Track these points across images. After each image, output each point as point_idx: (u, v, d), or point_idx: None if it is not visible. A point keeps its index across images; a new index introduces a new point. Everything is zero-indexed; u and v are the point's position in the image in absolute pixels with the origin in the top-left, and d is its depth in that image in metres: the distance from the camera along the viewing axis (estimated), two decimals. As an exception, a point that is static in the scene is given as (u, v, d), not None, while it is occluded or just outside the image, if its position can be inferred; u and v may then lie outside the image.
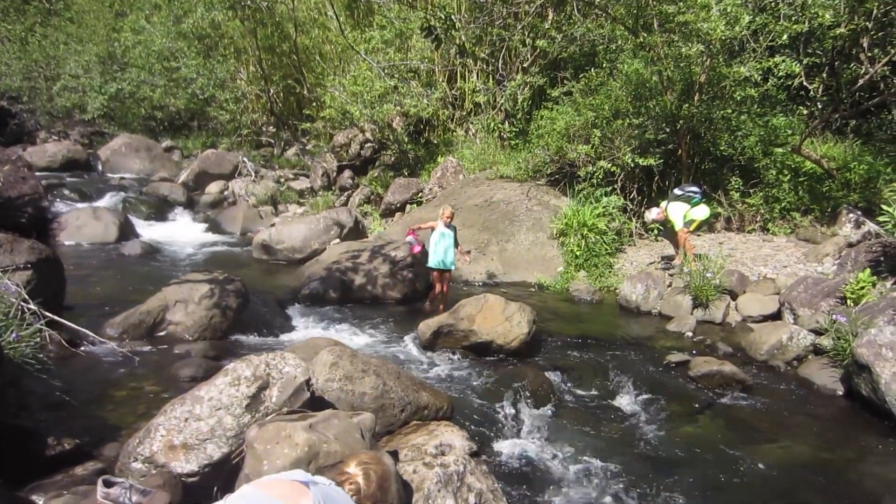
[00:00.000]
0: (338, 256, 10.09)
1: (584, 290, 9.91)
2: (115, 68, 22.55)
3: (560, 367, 6.98)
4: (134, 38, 22.52)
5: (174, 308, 7.48)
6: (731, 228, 11.84)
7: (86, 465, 4.40)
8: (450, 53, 16.00)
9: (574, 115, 12.33)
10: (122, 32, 23.73)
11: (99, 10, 26.43)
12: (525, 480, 4.87)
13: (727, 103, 11.64)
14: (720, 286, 8.90)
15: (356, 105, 15.33)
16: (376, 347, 7.49)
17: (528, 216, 11.67)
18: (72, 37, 24.33)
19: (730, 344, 7.88)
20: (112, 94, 21.79)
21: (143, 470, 4.16)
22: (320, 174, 17.35)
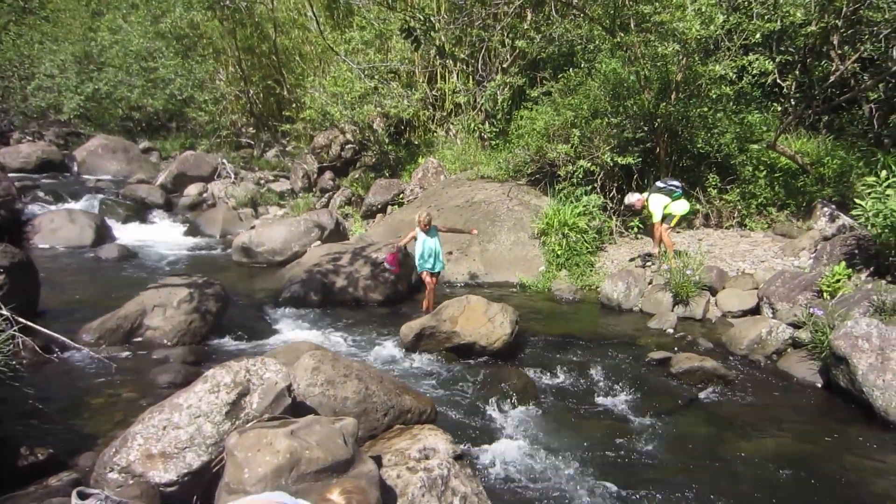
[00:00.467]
0: (319, 259, 9.98)
1: (566, 290, 9.89)
2: (92, 68, 22.15)
3: (543, 366, 6.95)
4: (111, 38, 22.14)
5: (152, 313, 7.36)
6: (709, 225, 11.89)
7: (60, 476, 4.28)
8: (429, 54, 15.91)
9: (553, 114, 12.30)
10: (99, 32, 23.33)
11: (75, 9, 25.97)
12: (510, 482, 4.82)
13: (703, 101, 11.67)
14: (700, 282, 8.92)
15: (336, 106, 15.20)
16: (358, 350, 7.41)
17: (510, 216, 11.63)
18: (47, 36, 23.88)
19: (710, 339, 7.90)
20: (88, 95, 21.39)
21: (120, 480, 4.04)
22: (301, 176, 17.19)
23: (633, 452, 5.32)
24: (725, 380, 6.66)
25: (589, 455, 5.21)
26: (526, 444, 5.34)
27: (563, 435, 5.53)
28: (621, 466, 5.08)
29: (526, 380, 6.35)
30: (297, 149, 19.71)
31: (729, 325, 8.28)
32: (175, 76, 19.98)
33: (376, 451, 4.56)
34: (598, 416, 5.95)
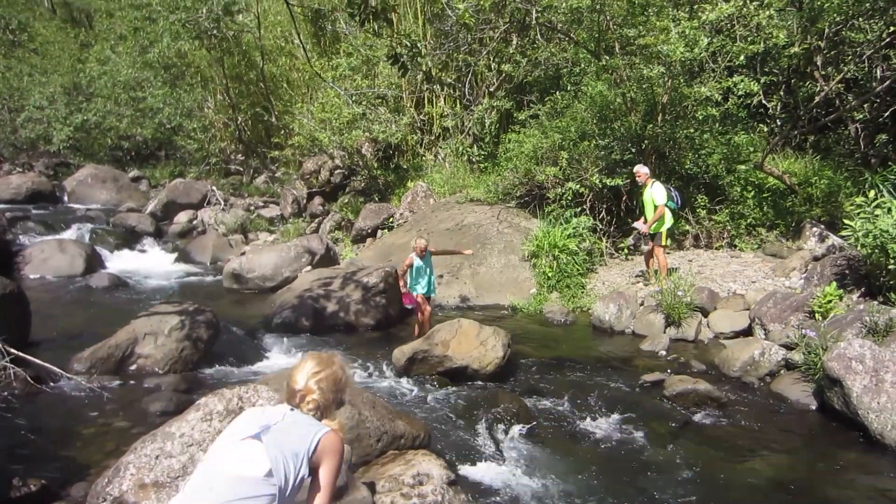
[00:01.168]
0: (309, 284, 9.98)
1: (558, 312, 9.91)
2: (81, 99, 22.27)
3: (536, 390, 6.96)
4: (99, 69, 22.32)
5: (143, 341, 7.34)
6: (699, 245, 11.97)
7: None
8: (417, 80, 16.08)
9: (541, 137, 12.41)
10: (88, 63, 23.52)
11: (64, 42, 26.16)
12: (505, 507, 4.80)
13: (690, 123, 11.82)
14: (691, 304, 8.95)
15: (325, 132, 15.32)
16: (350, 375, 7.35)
17: (500, 239, 11.68)
18: (36, 68, 24.00)
19: (703, 361, 7.91)
20: (78, 125, 21.50)
21: (112, 512, 4.01)
22: (290, 201, 17.24)
23: (627, 476, 5.31)
24: (719, 402, 6.66)
25: (583, 479, 5.20)
26: (520, 468, 5.33)
27: (556, 458, 5.52)
28: (615, 490, 5.07)
29: (519, 403, 6.34)
30: (287, 175, 19.79)
31: (721, 347, 8.31)
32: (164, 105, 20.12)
33: (370, 478, 4.55)
34: (591, 440, 5.95)
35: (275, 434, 2.55)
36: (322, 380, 2.75)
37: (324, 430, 2.63)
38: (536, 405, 6.60)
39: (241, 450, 2.51)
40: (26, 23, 27.31)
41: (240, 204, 18.12)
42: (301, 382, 2.74)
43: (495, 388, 6.95)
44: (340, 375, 2.82)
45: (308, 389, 2.73)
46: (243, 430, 2.58)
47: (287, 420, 2.63)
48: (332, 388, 2.77)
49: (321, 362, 2.81)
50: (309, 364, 2.80)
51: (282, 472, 2.49)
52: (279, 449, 2.52)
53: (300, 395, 2.73)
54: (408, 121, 15.83)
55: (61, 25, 27.92)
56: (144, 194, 19.52)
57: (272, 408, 2.74)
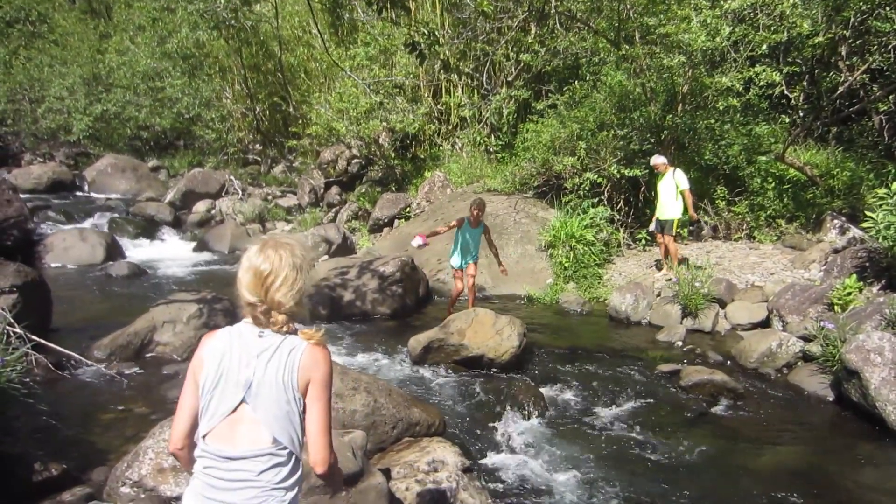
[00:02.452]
0: (326, 273, 10.04)
1: (574, 302, 9.92)
2: (100, 89, 22.48)
3: (551, 379, 6.98)
4: (118, 60, 22.50)
5: (162, 329, 7.44)
6: (717, 237, 11.89)
7: (73, 491, 4.33)
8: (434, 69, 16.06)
9: (559, 127, 12.36)
10: (107, 54, 23.71)
11: (83, 33, 26.38)
12: (519, 495, 4.84)
13: (710, 113, 11.72)
14: (709, 295, 8.91)
15: (342, 122, 15.36)
16: (367, 363, 7.45)
17: (517, 229, 11.68)
18: (56, 59, 24.24)
19: (720, 352, 7.89)
20: (97, 115, 21.71)
21: (132, 494, 4.10)
22: (307, 191, 17.31)
23: (643, 466, 5.32)
24: (735, 393, 6.65)
25: (597, 469, 5.22)
26: (534, 457, 5.36)
27: (571, 448, 5.54)
28: (630, 481, 5.09)
29: (534, 392, 6.37)
30: (304, 164, 19.85)
31: (739, 338, 8.27)
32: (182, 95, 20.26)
33: (385, 464, 4.60)
34: (606, 430, 5.96)
35: (259, 389, 2.26)
36: (282, 283, 2.26)
37: (298, 351, 2.29)
38: (551, 394, 6.62)
39: (237, 427, 2.27)
40: (46, 14, 27.56)
41: (257, 193, 18.23)
42: (254, 294, 2.28)
43: (510, 377, 6.97)
44: (299, 261, 2.32)
45: (271, 302, 2.28)
46: (227, 398, 2.26)
47: (263, 361, 2.27)
48: (294, 284, 2.29)
49: (268, 258, 2.28)
50: (256, 263, 2.28)
51: (285, 429, 2.28)
52: (271, 406, 2.26)
53: (261, 310, 2.29)
54: (425, 110, 15.83)
55: (80, 16, 28.14)
56: (163, 184, 19.69)
57: (240, 343, 2.31)
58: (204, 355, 2.33)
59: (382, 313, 9.49)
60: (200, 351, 2.35)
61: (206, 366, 2.31)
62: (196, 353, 2.37)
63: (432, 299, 10.61)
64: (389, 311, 9.53)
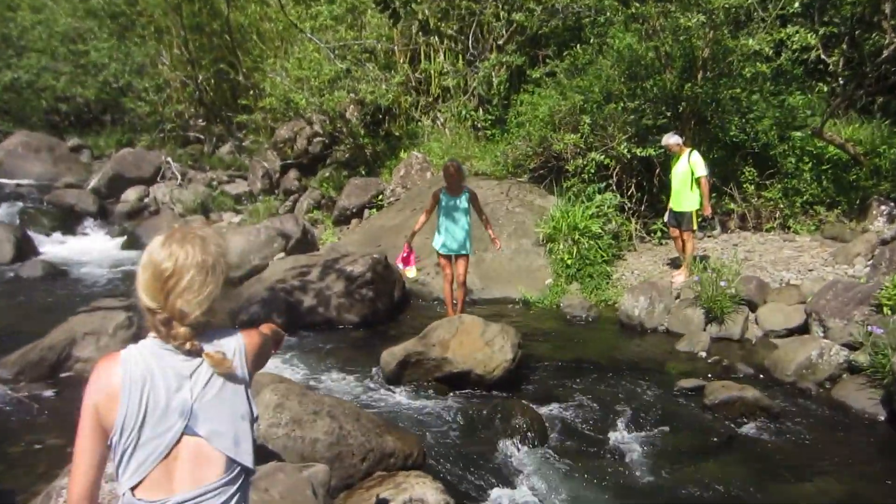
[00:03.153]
0: (283, 274, 9.93)
1: (578, 306, 9.88)
2: (10, 53, 22.13)
3: (552, 399, 6.93)
4: (33, 18, 22.19)
5: (83, 342, 7.31)
6: (746, 227, 11.91)
7: (-30, 543, 4.20)
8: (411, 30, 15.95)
9: (559, 99, 12.34)
10: (19, 11, 23.34)
11: (-11, -14, 26.01)
12: (515, 539, 4.76)
13: (735, 81, 11.74)
14: (736, 296, 8.90)
15: (302, 93, 15.23)
16: (331, 382, 7.36)
17: (510, 219, 11.63)
18: (-46, 17, 23.88)
19: (750, 364, 7.88)
20: (6, 84, 21.38)
21: (42, 547, 3.96)
22: (260, 175, 17.20)
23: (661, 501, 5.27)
24: (770, 412, 6.62)
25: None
26: (533, 492, 5.29)
27: (577, 481, 5.48)
28: (648, 517, 5.03)
29: (532, 415, 6.30)
30: (256, 143, 19.72)
31: (772, 347, 8.26)
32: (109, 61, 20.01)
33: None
34: (618, 458, 5.91)
35: (206, 412, 2.14)
36: (186, 286, 2.13)
37: (240, 345, 2.27)
38: (552, 417, 6.56)
39: (176, 466, 2.11)
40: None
41: (200, 178, 18.07)
42: (153, 298, 2.14)
43: (503, 396, 6.91)
44: (211, 259, 2.20)
45: (172, 310, 2.12)
46: (163, 434, 2.10)
47: (201, 379, 2.16)
48: (202, 288, 2.16)
49: (171, 254, 2.14)
50: (157, 259, 2.14)
51: (245, 448, 2.19)
52: (225, 426, 2.16)
53: (160, 319, 2.14)
54: (400, 79, 15.71)
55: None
56: (86, 167, 19.40)
57: (161, 364, 2.15)
58: (113, 387, 2.13)
59: (350, 321, 9.42)
60: (105, 381, 2.15)
61: (123, 400, 2.12)
62: (95, 385, 2.16)
63: (410, 304, 10.55)
64: (358, 318, 9.45)
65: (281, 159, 17.33)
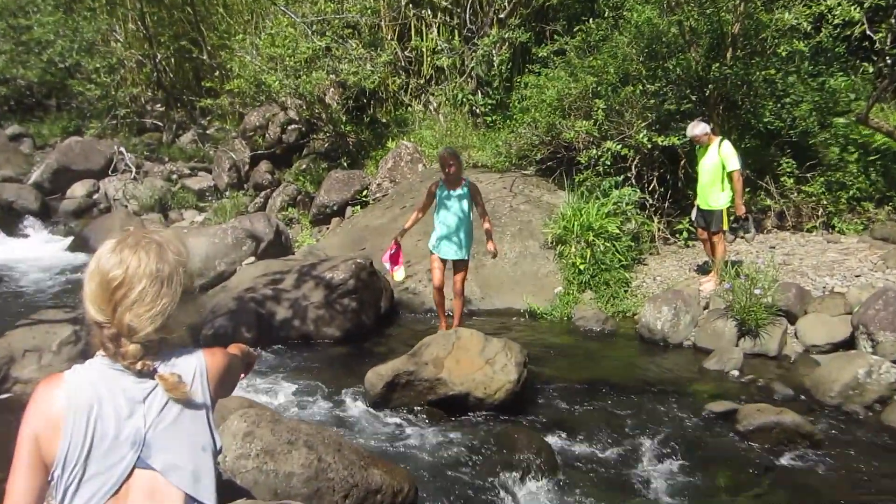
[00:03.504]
0: (253, 281, 9.92)
1: (592, 318, 9.88)
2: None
3: (563, 425, 6.91)
4: (-35, -11, 22.13)
5: (23, 360, 7.29)
6: (784, 226, 11.93)
7: None
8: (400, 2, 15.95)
9: (569, 80, 12.36)
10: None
11: None
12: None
13: (769, 61, 11.77)
14: (773, 306, 8.89)
15: (275, 73, 15.21)
16: (308, 407, 7.34)
17: (513, 218, 11.62)
18: None
19: (790, 384, 7.86)
20: (-66, 65, 21.36)
21: None
22: (227, 168, 17.19)
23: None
24: (812, 439, 6.60)
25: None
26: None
27: (592, 520, 5.46)
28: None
29: (539, 444, 6.28)
30: (222, 132, 19.73)
31: (814, 364, 8.25)
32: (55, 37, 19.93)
33: (334, 550, 4.47)
34: (638, 494, 5.89)
35: (161, 441, 2.11)
36: (136, 298, 2.10)
37: (201, 366, 2.23)
38: (563, 446, 6.55)
39: (138, 502, 2.07)
40: None
41: (158, 171, 18.09)
42: (100, 311, 2.11)
43: (507, 422, 6.89)
44: (167, 269, 2.17)
45: (120, 325, 2.10)
46: (112, 467, 2.06)
47: (156, 404, 2.12)
48: (155, 301, 2.12)
49: (122, 262, 2.11)
50: (106, 267, 2.12)
51: (205, 485, 2.15)
52: (183, 459, 2.13)
53: (108, 335, 2.12)
54: (388, 59, 15.72)
55: None
56: (27, 158, 19.31)
57: (110, 388, 2.12)
58: (55, 413, 2.09)
59: (330, 336, 9.40)
60: (46, 407, 2.11)
61: (66, 429, 2.07)
62: (34, 411, 2.12)
63: (399, 316, 10.53)
64: (340, 332, 9.44)
65: (251, 150, 17.31)
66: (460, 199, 8.54)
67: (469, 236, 8.63)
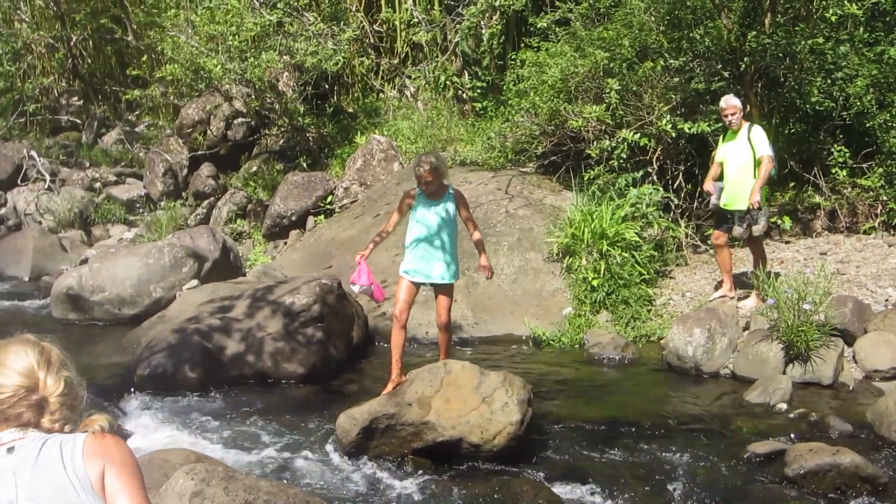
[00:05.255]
0: (196, 310, 9.94)
1: (609, 344, 9.87)
2: None
3: (576, 474, 6.92)
4: None
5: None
6: (837, 228, 11.96)
7: None
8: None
9: (575, 57, 12.38)
10: None
11: None
12: None
13: (817, 27, 11.80)
14: (826, 324, 8.88)
15: (216, 56, 15.17)
16: (269, 461, 7.34)
17: (510, 226, 11.63)
18: None
19: (848, 418, 7.87)
20: None
21: None
22: (161, 173, 17.12)
23: None
24: (875, 483, 6.62)
25: None
26: None
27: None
28: None
29: (549, 498, 6.32)
30: (154, 129, 19.65)
31: (876, 394, 8.31)
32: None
33: None
34: (670, 553, 5.93)
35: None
36: (56, 364, 2.58)
37: (79, 439, 2.41)
38: (577, 501, 6.56)
39: None
40: None
41: (77, 179, 18.03)
42: (21, 378, 2.47)
43: (508, 473, 6.90)
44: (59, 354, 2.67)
45: (41, 387, 2.46)
46: None
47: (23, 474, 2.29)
48: (69, 375, 2.59)
49: (33, 345, 2.61)
50: (21, 352, 2.55)
51: None
52: None
53: (26, 404, 2.43)
54: (353, 34, 15.72)
55: None
56: (-82, 167, 19.32)
57: None
58: None
59: (292, 374, 9.41)
60: None
61: None
62: None
63: (374, 347, 10.54)
64: (304, 369, 9.44)
65: (189, 150, 17.27)
66: (444, 210, 7.93)
67: (454, 258, 8.05)
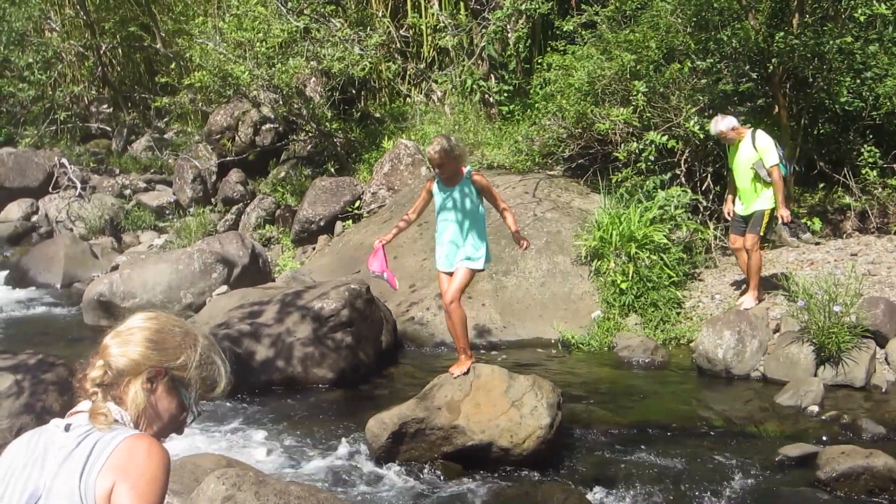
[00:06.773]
0: (226, 315, 9.99)
1: (639, 347, 9.86)
2: None
3: (606, 478, 6.92)
4: None
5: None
6: (867, 228, 11.90)
7: None
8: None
9: (601, 59, 12.37)
10: None
11: None
12: None
13: (846, 27, 11.73)
14: (858, 326, 8.84)
15: (244, 63, 15.25)
16: (298, 465, 7.37)
17: (538, 229, 11.62)
18: None
19: (881, 421, 7.83)
20: None
21: None
22: (190, 179, 17.18)
23: None
24: (910, 486, 6.62)
25: None
26: None
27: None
28: None
29: (579, 501, 6.30)
30: (183, 136, 19.73)
31: (910, 395, 8.25)
32: (-23, 28, 20.02)
33: None
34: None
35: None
36: (131, 337, 2.42)
37: (109, 445, 2.22)
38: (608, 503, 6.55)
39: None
40: None
41: (108, 186, 18.14)
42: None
43: (538, 478, 6.91)
44: (178, 338, 2.48)
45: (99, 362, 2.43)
46: None
47: (56, 462, 2.23)
48: (149, 346, 2.40)
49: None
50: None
51: None
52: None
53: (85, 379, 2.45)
54: (379, 40, 15.77)
55: None
56: (-51, 175, 19.49)
57: (37, 440, 2.33)
58: None
59: (322, 379, 9.43)
60: None
61: None
62: None
63: (404, 351, 10.57)
64: (333, 374, 9.45)
65: (218, 156, 17.33)
66: (462, 196, 7.69)
67: (481, 238, 7.79)
